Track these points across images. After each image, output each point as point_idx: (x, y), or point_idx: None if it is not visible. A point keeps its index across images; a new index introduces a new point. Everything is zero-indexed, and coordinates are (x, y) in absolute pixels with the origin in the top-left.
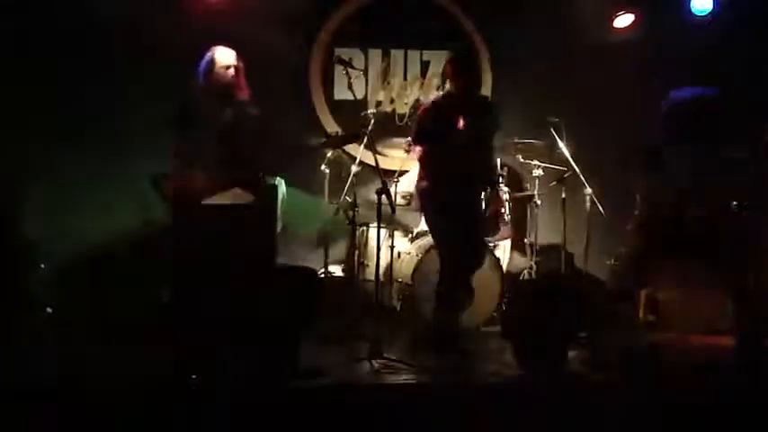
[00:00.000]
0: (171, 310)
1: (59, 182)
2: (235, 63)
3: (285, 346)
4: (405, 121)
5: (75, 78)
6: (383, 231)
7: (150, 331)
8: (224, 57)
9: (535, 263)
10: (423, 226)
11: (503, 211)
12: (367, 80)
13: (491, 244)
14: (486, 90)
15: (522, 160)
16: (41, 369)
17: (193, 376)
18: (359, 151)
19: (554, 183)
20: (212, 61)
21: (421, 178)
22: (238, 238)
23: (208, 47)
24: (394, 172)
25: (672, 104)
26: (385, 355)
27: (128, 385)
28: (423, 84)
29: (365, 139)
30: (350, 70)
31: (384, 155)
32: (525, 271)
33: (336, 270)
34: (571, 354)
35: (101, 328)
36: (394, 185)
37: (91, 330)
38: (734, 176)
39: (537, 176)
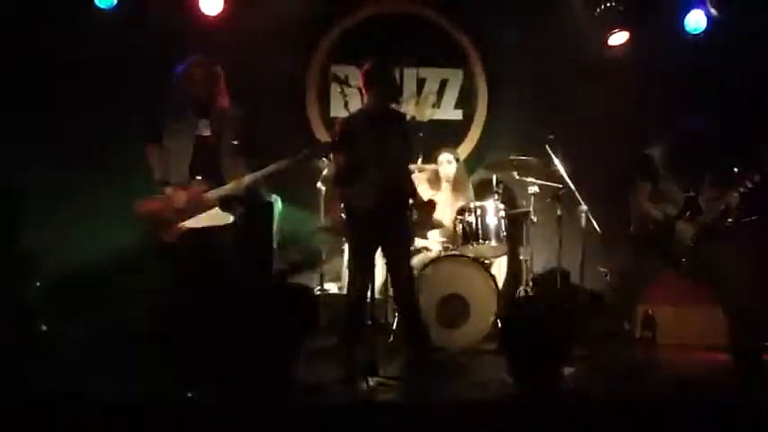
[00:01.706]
0: (166, 327)
1: (56, 199)
2: (211, 73)
3: (281, 363)
4: None
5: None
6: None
7: (146, 347)
8: (199, 67)
9: (531, 280)
10: (418, 242)
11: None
12: (363, 98)
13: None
14: (483, 107)
15: (517, 177)
16: (37, 382)
17: (189, 394)
18: None
19: (549, 200)
20: (186, 69)
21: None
22: (224, 257)
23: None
24: None
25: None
26: (380, 372)
27: (124, 400)
28: (418, 101)
29: None
30: (345, 88)
31: None
32: (521, 288)
33: (332, 287)
34: (567, 370)
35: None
36: None
37: (86, 344)
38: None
39: (533, 193)
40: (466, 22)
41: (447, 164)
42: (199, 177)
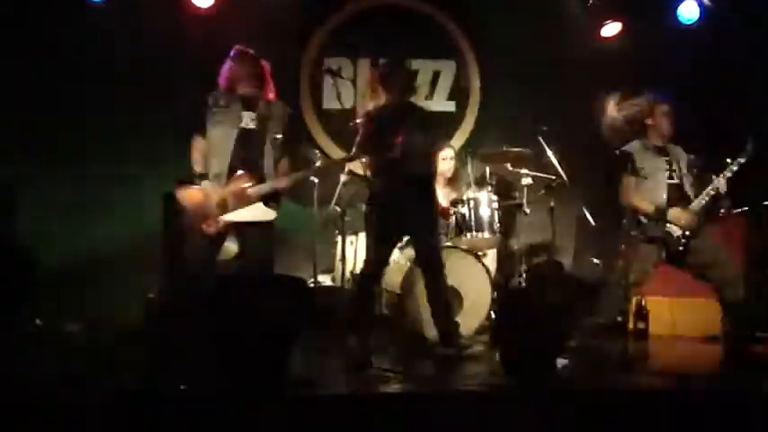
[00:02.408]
0: (162, 318)
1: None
2: (260, 68)
3: (275, 355)
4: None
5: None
6: None
7: (141, 338)
8: (248, 59)
9: (524, 271)
10: None
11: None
12: (356, 90)
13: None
14: (476, 99)
15: (510, 168)
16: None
17: (182, 387)
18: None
19: (542, 191)
20: (235, 61)
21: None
22: (262, 253)
23: (229, 47)
24: None
25: None
26: (374, 364)
27: (119, 391)
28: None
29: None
30: (338, 80)
31: None
32: (514, 279)
33: (325, 279)
34: (560, 362)
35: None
36: None
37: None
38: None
39: (525, 185)
40: (458, 13)
41: (442, 160)
42: (240, 172)
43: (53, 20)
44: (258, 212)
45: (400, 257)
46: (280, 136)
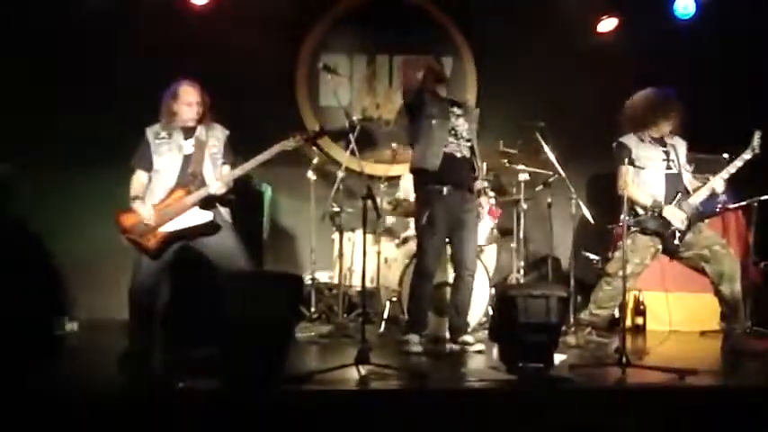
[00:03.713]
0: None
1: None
2: (198, 100)
3: (272, 352)
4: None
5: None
6: (369, 237)
7: (139, 335)
8: (187, 94)
9: (522, 267)
10: (410, 231)
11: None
12: (352, 86)
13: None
14: (472, 95)
15: (507, 165)
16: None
17: (180, 384)
18: (344, 157)
19: (540, 187)
20: (175, 97)
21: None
22: (212, 250)
23: (175, 78)
24: (380, 178)
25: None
26: (372, 360)
27: (117, 387)
28: None
29: (350, 146)
30: (335, 76)
31: (370, 160)
32: (512, 276)
33: (323, 276)
34: (558, 358)
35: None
36: (380, 191)
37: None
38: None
39: (523, 181)
40: (456, 10)
41: None
42: (175, 185)
43: (52, 20)
44: (193, 217)
45: (398, 254)
46: (219, 155)
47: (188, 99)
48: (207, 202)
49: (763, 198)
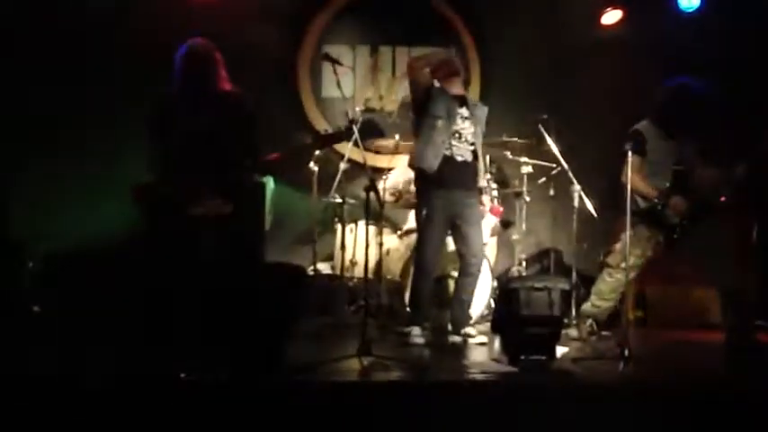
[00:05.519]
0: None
1: (49, 182)
2: (210, 55)
3: (274, 343)
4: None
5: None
6: (372, 228)
7: (138, 329)
8: (197, 48)
9: (524, 260)
10: (411, 223)
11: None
12: (355, 77)
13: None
14: (476, 87)
15: (510, 157)
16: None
17: (182, 375)
18: (347, 148)
19: (543, 179)
20: (185, 55)
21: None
22: (224, 240)
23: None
24: (382, 169)
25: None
26: (374, 352)
27: (117, 382)
28: None
29: (353, 137)
30: (337, 67)
31: (372, 152)
32: (514, 268)
33: (325, 267)
34: (560, 350)
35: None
36: (382, 182)
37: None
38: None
39: (525, 173)
40: (458, 1)
41: None
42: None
43: (52, 20)
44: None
45: (400, 245)
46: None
47: (199, 54)
48: (224, 194)
49: None
